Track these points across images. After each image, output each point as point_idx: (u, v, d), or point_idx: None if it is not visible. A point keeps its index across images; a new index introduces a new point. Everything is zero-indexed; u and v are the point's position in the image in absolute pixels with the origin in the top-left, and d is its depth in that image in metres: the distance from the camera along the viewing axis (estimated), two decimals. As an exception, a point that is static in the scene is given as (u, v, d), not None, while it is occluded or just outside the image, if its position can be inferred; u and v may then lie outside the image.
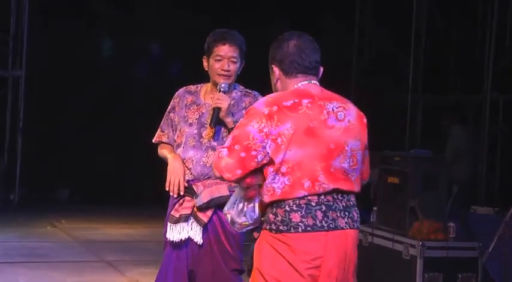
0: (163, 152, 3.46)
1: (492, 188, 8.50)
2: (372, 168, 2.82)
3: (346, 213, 2.57)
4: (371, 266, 5.51)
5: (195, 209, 3.31)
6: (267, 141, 2.50)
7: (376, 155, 6.08)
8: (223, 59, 3.33)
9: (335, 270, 2.53)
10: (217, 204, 3.29)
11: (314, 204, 2.52)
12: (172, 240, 3.32)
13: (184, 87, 3.52)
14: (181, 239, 3.31)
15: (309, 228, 2.50)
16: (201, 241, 3.29)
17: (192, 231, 3.30)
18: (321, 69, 2.70)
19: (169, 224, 3.35)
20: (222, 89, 3.31)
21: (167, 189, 3.33)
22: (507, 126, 8.59)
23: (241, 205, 2.60)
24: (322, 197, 2.53)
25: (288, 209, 2.51)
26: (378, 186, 5.80)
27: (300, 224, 2.50)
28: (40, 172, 9.64)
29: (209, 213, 3.30)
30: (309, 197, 2.51)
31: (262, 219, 2.59)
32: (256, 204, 2.58)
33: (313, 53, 2.66)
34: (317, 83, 2.67)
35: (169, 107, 3.50)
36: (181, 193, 3.31)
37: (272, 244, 2.53)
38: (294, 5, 10.12)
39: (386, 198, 5.61)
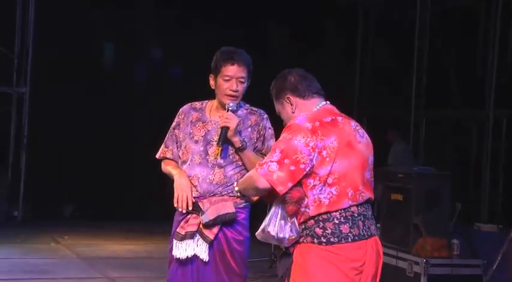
0: (168, 168, 3.45)
1: (495, 205, 8.49)
2: (375, 185, 2.90)
3: (373, 220, 2.84)
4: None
5: (201, 226, 3.31)
6: (314, 154, 2.68)
7: (379, 172, 6.10)
8: (232, 79, 3.32)
9: (372, 271, 2.79)
10: (223, 221, 3.29)
11: (356, 215, 2.74)
12: (178, 257, 3.32)
13: (189, 104, 3.51)
14: (187, 256, 3.30)
15: (356, 238, 2.72)
16: (207, 258, 3.28)
17: (198, 248, 3.29)
18: None
19: (175, 241, 3.33)
20: (230, 108, 3.31)
21: (175, 205, 3.33)
22: (510, 143, 8.58)
23: (282, 221, 2.74)
24: (360, 207, 2.75)
25: (337, 221, 2.70)
26: (381, 202, 5.81)
27: (349, 234, 2.71)
28: (44, 188, 9.65)
29: (215, 230, 3.30)
30: (351, 209, 2.72)
31: (305, 233, 2.73)
32: (296, 219, 2.75)
33: (315, 81, 2.92)
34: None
35: (173, 123, 3.49)
36: (190, 208, 3.31)
37: (323, 256, 2.69)
38: (294, 21, 10.17)
39: (390, 215, 5.61)
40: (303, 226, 2.73)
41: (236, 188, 2.93)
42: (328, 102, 2.90)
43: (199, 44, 9.04)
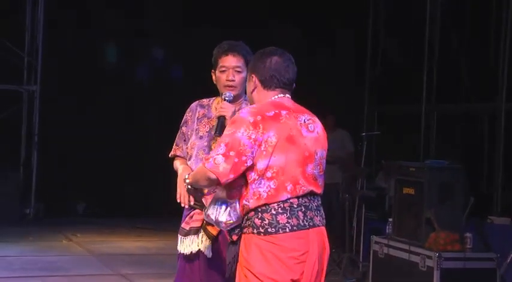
0: (176, 164, 3.49)
1: (508, 198, 8.43)
2: (388, 179, 2.89)
3: (318, 211, 2.87)
4: (387, 277, 5.48)
5: (204, 222, 3.32)
6: (255, 147, 2.76)
7: (391, 166, 6.06)
8: (228, 69, 3.35)
9: (316, 262, 2.83)
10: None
11: (296, 206, 2.79)
12: (183, 253, 3.33)
13: (197, 101, 3.55)
14: (191, 252, 3.32)
15: (294, 228, 2.77)
16: (210, 254, 3.29)
17: (202, 244, 3.30)
18: (293, 85, 2.99)
19: (179, 236, 3.37)
20: (226, 98, 3.34)
21: (178, 201, 3.35)
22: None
23: (223, 206, 2.84)
24: (301, 199, 2.81)
25: (274, 212, 2.77)
26: (393, 197, 5.78)
27: (286, 224, 2.77)
28: (55, 186, 9.68)
29: (218, 226, 3.30)
30: (291, 200, 2.78)
31: (247, 224, 2.81)
32: (237, 204, 2.82)
33: (292, 72, 2.94)
34: (290, 97, 2.95)
35: (182, 120, 3.53)
36: (192, 203, 3.31)
37: (261, 246, 2.76)
38: (305, 16, 10.13)
39: (402, 209, 5.58)
40: (246, 217, 2.81)
41: (187, 181, 3.03)
42: (287, 95, 2.91)
43: (203, 43, 9.03)
